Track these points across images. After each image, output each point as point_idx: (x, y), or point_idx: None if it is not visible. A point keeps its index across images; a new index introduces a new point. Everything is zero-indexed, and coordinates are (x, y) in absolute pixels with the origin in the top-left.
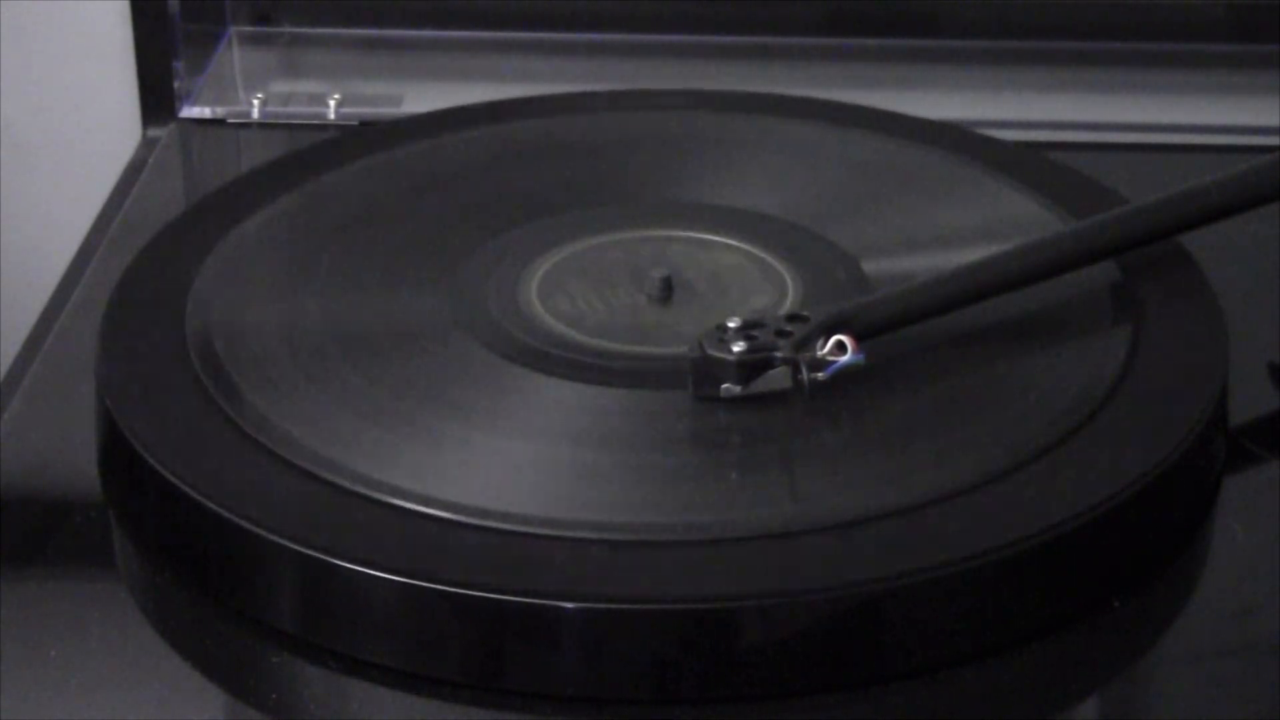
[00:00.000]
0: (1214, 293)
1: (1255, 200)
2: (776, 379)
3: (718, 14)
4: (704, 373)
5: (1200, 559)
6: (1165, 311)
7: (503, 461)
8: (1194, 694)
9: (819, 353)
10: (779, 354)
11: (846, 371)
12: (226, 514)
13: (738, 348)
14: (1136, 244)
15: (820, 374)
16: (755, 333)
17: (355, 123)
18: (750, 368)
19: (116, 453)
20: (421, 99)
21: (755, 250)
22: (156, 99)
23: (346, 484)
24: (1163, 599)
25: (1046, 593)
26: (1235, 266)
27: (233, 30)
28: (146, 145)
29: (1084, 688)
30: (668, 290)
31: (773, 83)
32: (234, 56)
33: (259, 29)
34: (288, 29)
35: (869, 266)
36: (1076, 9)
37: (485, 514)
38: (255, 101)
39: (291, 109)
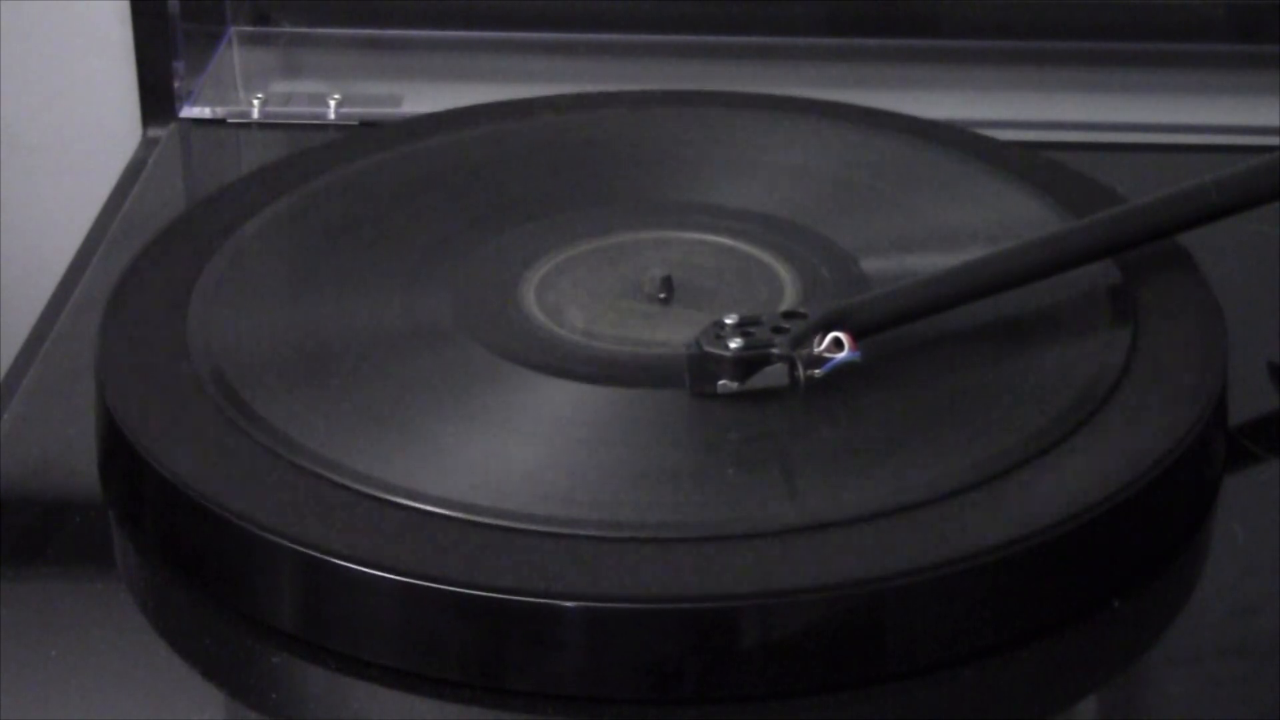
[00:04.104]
0: (1214, 293)
1: (1255, 200)
2: (774, 375)
3: (718, 14)
4: (701, 369)
5: (1200, 559)
6: (1165, 311)
7: (502, 461)
8: (1194, 694)
9: (816, 349)
10: (776, 350)
11: (843, 369)
12: (226, 514)
13: (734, 344)
14: (1136, 243)
15: (817, 371)
16: (752, 329)
17: (355, 123)
18: (747, 364)
19: (116, 453)
20: (421, 99)
21: (755, 250)
22: (156, 99)
23: (347, 484)
24: (1163, 599)
25: (1046, 593)
26: (1235, 266)
27: (233, 30)
28: (146, 145)
29: (1084, 688)
30: (668, 290)
31: (773, 83)
32: (234, 56)
33: (259, 29)
34: (288, 29)
35: (868, 266)
36: (1076, 9)
37: (485, 513)
38: (255, 101)
39: (291, 109)
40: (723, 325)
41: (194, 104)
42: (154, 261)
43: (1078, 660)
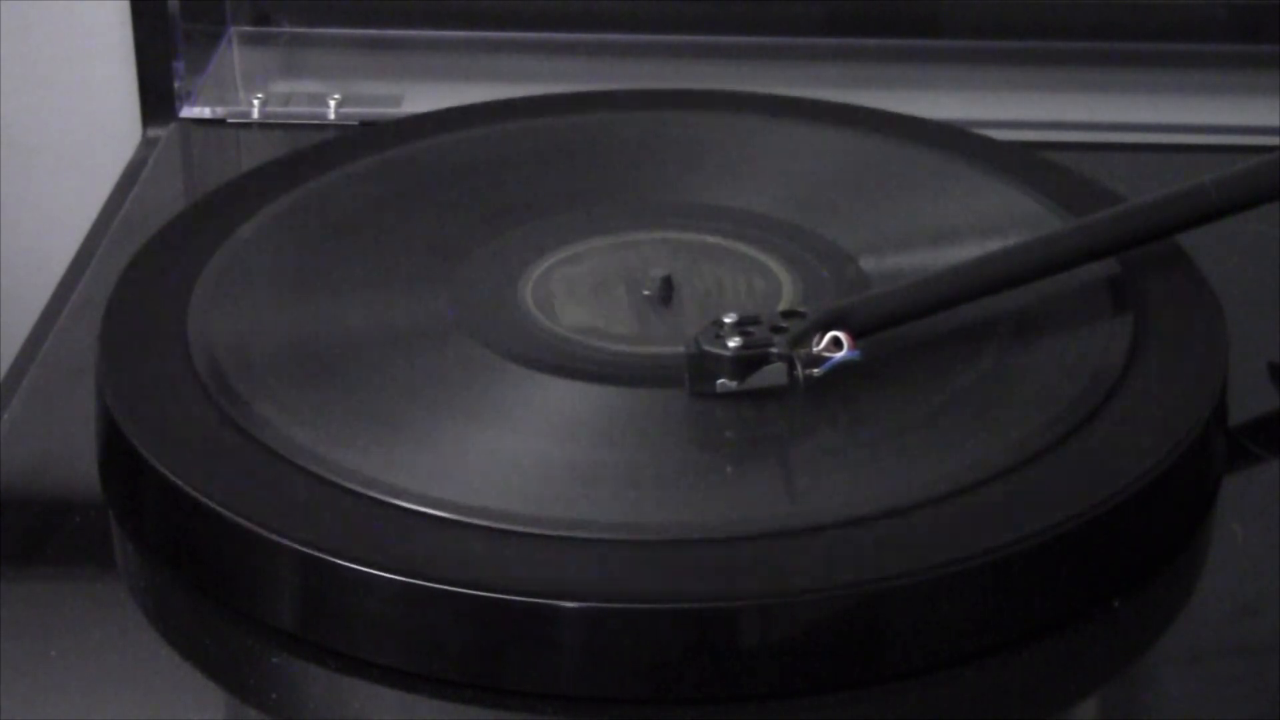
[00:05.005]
0: (1214, 293)
1: (1255, 200)
2: (773, 375)
3: (718, 14)
4: (700, 368)
5: (1200, 559)
6: (1165, 311)
7: (503, 461)
8: (1194, 694)
9: (815, 349)
10: (775, 350)
11: (842, 368)
12: (226, 514)
13: (733, 343)
14: (1135, 243)
15: (816, 370)
16: (751, 328)
17: (355, 123)
18: (746, 363)
19: (116, 453)
20: (421, 99)
21: (755, 250)
22: (156, 99)
23: (346, 484)
24: (1163, 599)
25: (1046, 593)
26: (1235, 266)
27: (233, 30)
28: (146, 145)
29: (1084, 688)
30: (668, 290)
31: (773, 83)
32: (234, 56)
33: (259, 29)
34: (288, 29)
35: (868, 266)
36: (1076, 9)
37: (485, 514)
38: (255, 101)
39: (291, 109)
40: (722, 324)
41: (194, 104)
42: (154, 261)
43: (1078, 660)
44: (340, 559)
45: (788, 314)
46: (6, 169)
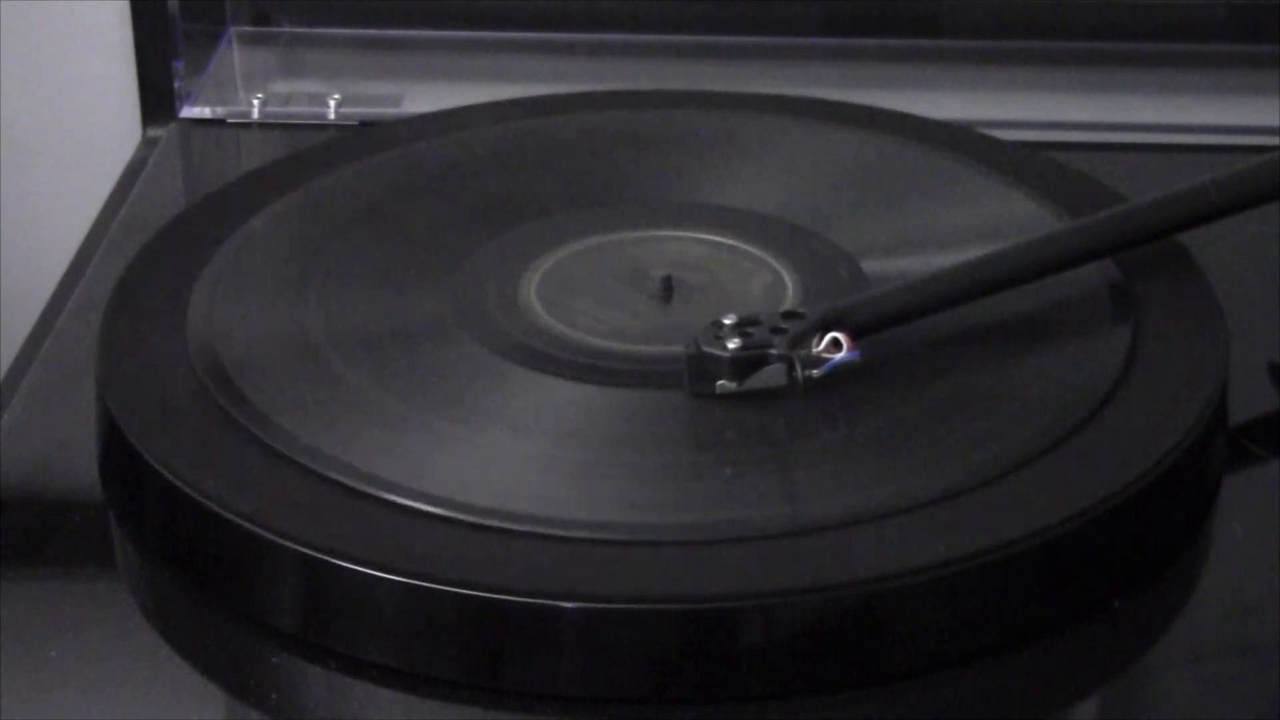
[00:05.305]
0: (1214, 293)
1: (1255, 200)
2: (772, 376)
3: (718, 14)
4: (699, 369)
5: (1200, 559)
6: (1165, 311)
7: (502, 461)
8: (1194, 694)
9: (814, 349)
10: (774, 351)
11: (842, 369)
12: (226, 514)
13: (733, 344)
14: (1135, 242)
15: (815, 371)
16: (751, 329)
17: (355, 123)
18: (745, 364)
19: (116, 453)
20: (421, 99)
21: (755, 250)
22: (156, 99)
23: (347, 483)
24: (1163, 599)
25: (1046, 593)
26: (1235, 266)
27: (233, 30)
28: (146, 145)
29: (1084, 688)
30: (668, 290)
31: (773, 83)
32: (234, 56)
33: (259, 29)
34: (288, 29)
35: (868, 266)
36: (1076, 9)
37: (485, 514)
38: (255, 101)
39: (291, 109)
40: (721, 325)
41: (194, 104)
42: (154, 261)
43: (1078, 660)
44: (340, 559)
45: (787, 315)
46: (6, 169)
